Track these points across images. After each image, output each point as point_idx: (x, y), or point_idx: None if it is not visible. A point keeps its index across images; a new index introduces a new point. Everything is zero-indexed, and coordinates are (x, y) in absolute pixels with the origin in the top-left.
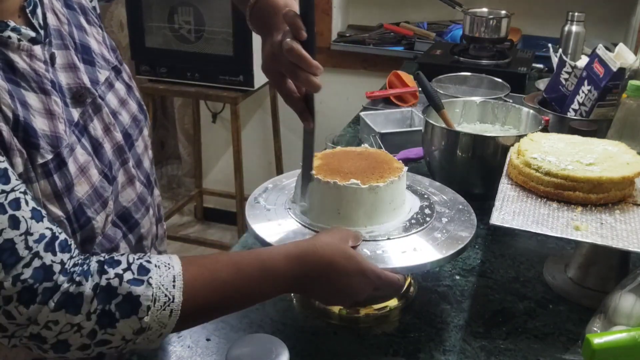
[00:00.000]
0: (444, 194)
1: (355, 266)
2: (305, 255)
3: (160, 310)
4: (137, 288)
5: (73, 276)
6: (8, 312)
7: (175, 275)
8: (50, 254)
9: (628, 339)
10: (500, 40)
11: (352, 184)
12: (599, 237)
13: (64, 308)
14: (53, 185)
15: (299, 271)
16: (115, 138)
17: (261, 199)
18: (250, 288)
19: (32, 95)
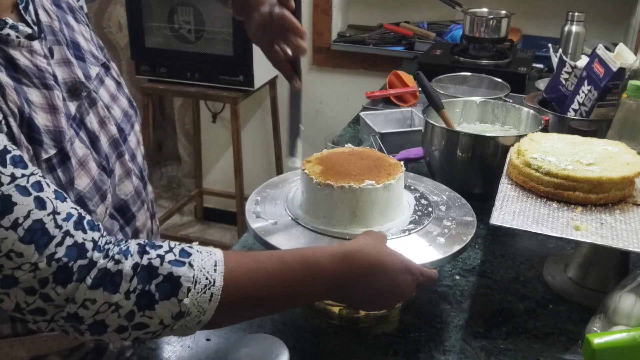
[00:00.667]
0: (444, 194)
1: (401, 263)
2: (351, 254)
3: (201, 293)
4: (179, 269)
5: (109, 253)
6: (45, 294)
7: (217, 260)
8: (81, 232)
9: (628, 339)
10: (500, 40)
11: (367, 185)
12: (599, 237)
13: (101, 286)
14: (57, 180)
15: (344, 269)
16: (111, 131)
17: (261, 199)
18: (295, 282)
19: (34, 91)
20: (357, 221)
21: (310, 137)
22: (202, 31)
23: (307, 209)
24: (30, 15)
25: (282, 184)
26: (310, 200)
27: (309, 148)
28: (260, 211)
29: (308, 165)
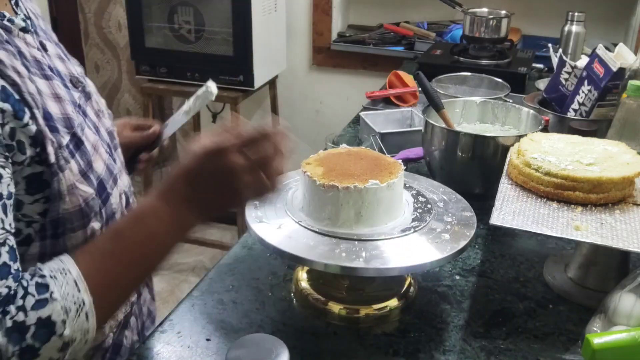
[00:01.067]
0: (444, 194)
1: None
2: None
3: (76, 318)
4: (44, 309)
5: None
6: None
7: (75, 278)
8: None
9: (628, 339)
10: (500, 40)
11: (372, 185)
12: (599, 237)
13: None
14: (78, 164)
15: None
16: (105, 124)
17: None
18: (139, 240)
19: (41, 80)
20: (363, 221)
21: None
22: (202, 31)
23: (309, 211)
24: (22, 10)
25: None
26: (313, 202)
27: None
28: (262, 215)
29: (308, 167)
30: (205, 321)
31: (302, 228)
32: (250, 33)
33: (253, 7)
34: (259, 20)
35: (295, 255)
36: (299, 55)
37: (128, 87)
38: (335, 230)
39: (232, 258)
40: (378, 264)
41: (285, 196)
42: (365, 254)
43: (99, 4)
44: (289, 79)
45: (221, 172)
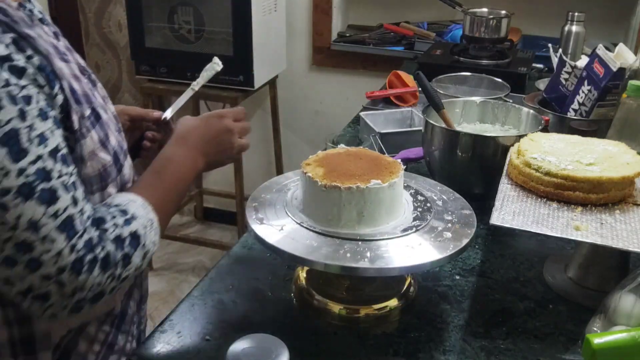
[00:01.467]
0: (444, 194)
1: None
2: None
3: (150, 231)
4: (131, 226)
5: (100, 243)
6: (60, 281)
7: (142, 203)
8: (93, 229)
9: (628, 339)
10: (500, 40)
11: (374, 185)
12: (599, 237)
13: (102, 269)
14: (98, 134)
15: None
16: (111, 108)
17: (259, 204)
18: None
19: (61, 62)
20: (365, 221)
21: (310, 137)
22: (202, 31)
23: (310, 212)
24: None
25: (276, 187)
26: (314, 203)
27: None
28: (263, 217)
29: (309, 167)
30: (205, 321)
31: (304, 229)
32: (250, 33)
33: (253, 7)
34: (259, 20)
35: (300, 257)
36: (299, 55)
37: (128, 86)
38: (338, 230)
39: (232, 258)
40: (382, 264)
41: (284, 197)
42: (370, 254)
43: (99, 4)
44: (289, 79)
45: (223, 130)
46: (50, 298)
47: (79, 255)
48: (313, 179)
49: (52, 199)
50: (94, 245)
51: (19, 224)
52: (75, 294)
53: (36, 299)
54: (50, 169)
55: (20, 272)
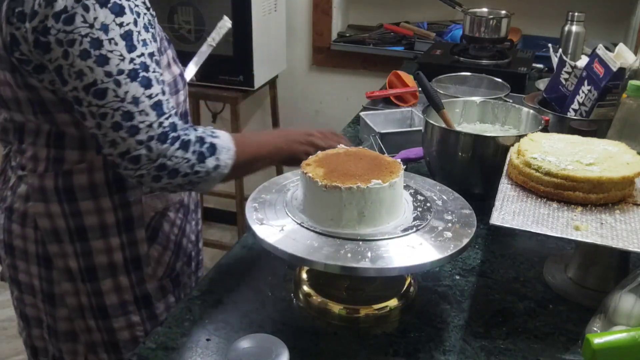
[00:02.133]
0: (444, 194)
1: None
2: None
3: (226, 153)
4: (214, 139)
5: (184, 129)
6: (149, 146)
7: (229, 135)
8: (176, 117)
9: (628, 339)
10: (500, 40)
11: (375, 185)
12: (599, 237)
13: (181, 148)
14: (172, 52)
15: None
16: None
17: (259, 205)
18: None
19: None
20: (365, 221)
21: None
22: (202, 31)
23: (311, 212)
24: None
25: (275, 188)
26: (315, 203)
27: None
28: (263, 218)
29: (309, 168)
30: (205, 321)
31: (305, 229)
32: (250, 33)
33: (253, 7)
34: (259, 20)
35: (300, 257)
36: (299, 55)
37: None
38: (338, 230)
39: (232, 258)
40: (382, 264)
41: (284, 197)
42: (370, 254)
43: None
44: (289, 79)
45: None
46: (140, 161)
47: (165, 130)
48: (313, 179)
49: (149, 85)
50: (178, 128)
51: (126, 98)
52: (158, 159)
53: (131, 161)
54: (148, 64)
55: (123, 135)
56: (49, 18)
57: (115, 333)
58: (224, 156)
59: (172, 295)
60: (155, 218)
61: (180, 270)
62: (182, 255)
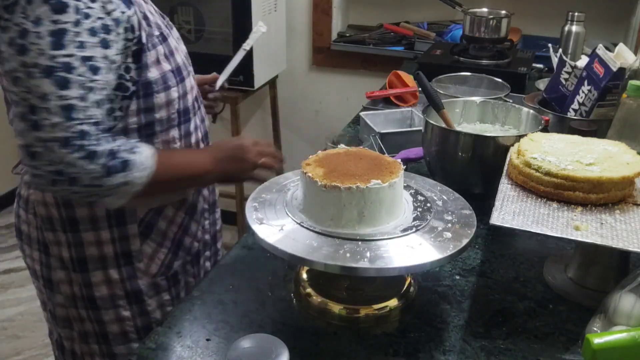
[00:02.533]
0: (444, 194)
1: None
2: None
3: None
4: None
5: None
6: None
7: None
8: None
9: (628, 339)
10: (500, 40)
11: (374, 185)
12: (599, 237)
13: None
14: (165, 49)
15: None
16: (183, 51)
17: (259, 204)
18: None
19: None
20: (365, 221)
21: (310, 137)
22: (202, 31)
23: (311, 212)
24: None
25: (276, 187)
26: (315, 203)
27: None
28: (263, 217)
29: (309, 167)
30: (205, 321)
31: (304, 229)
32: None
33: (253, 7)
34: (259, 20)
35: (300, 257)
36: (299, 55)
37: None
38: (338, 230)
39: (232, 258)
40: (382, 264)
41: (284, 197)
42: (369, 254)
43: None
44: (289, 79)
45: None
46: (37, 159)
47: (69, 135)
48: (313, 179)
49: (65, 86)
50: (85, 137)
51: (34, 92)
52: (55, 163)
53: (29, 156)
54: (74, 67)
55: (26, 127)
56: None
57: (105, 325)
58: (137, 174)
59: (167, 294)
60: (150, 214)
61: (180, 269)
62: (182, 254)
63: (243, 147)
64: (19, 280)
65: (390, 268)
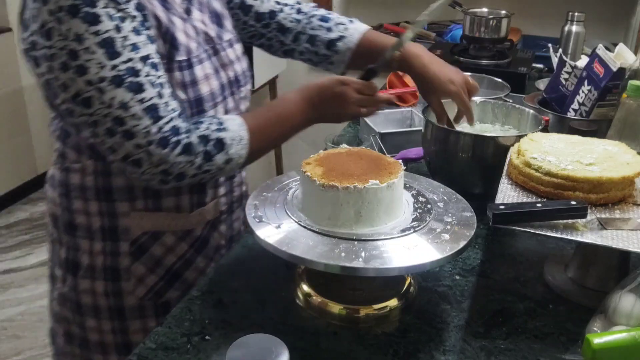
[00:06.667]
0: (444, 194)
1: (334, 78)
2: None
3: (237, 144)
4: (221, 134)
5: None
6: (148, 151)
7: (240, 122)
8: (180, 120)
9: (628, 339)
10: (500, 40)
11: (372, 185)
12: (599, 237)
13: (183, 153)
14: (183, 77)
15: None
16: (229, 74)
17: (259, 203)
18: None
19: (177, 19)
20: (363, 221)
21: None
22: None
23: (310, 211)
24: None
25: (277, 186)
26: (313, 202)
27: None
28: (262, 215)
29: (308, 167)
30: (206, 321)
31: (302, 228)
32: None
33: None
34: None
35: (295, 255)
36: None
37: None
38: (336, 230)
39: (232, 258)
40: (377, 264)
41: (285, 196)
42: (364, 253)
43: None
44: (289, 79)
45: (338, 94)
46: (142, 165)
47: (165, 135)
48: (311, 178)
49: (139, 90)
50: (179, 132)
51: (113, 104)
52: (160, 164)
53: (133, 164)
54: (138, 69)
55: (118, 140)
56: (35, 33)
57: (85, 330)
58: (235, 149)
59: (153, 320)
60: (144, 237)
61: (174, 299)
62: (180, 286)
63: (344, 95)
64: (19, 280)
65: (389, 268)
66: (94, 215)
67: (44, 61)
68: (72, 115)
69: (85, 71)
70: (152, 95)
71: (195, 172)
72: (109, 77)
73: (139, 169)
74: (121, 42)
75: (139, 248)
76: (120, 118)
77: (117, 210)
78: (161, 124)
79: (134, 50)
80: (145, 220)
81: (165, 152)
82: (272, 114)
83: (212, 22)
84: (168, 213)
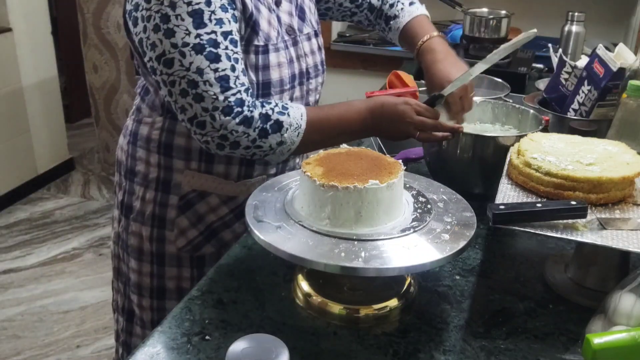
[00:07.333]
0: (444, 194)
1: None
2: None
3: (293, 131)
4: (281, 116)
5: (249, 106)
6: (213, 116)
7: (302, 112)
8: (245, 93)
9: (628, 339)
10: (500, 40)
11: (372, 185)
12: (599, 237)
13: (242, 123)
14: (257, 60)
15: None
16: (301, 65)
17: (259, 203)
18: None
19: (264, 8)
20: (362, 221)
21: None
22: None
23: (309, 211)
24: None
25: (277, 186)
26: (313, 202)
27: None
28: (262, 215)
29: (308, 167)
30: (206, 321)
31: (302, 228)
32: None
33: None
34: None
35: (295, 255)
36: None
37: (127, 87)
38: (335, 230)
39: (232, 258)
40: (377, 264)
41: (285, 196)
42: (364, 253)
43: (98, 4)
44: None
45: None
46: (206, 127)
47: (230, 104)
48: (311, 178)
49: (216, 60)
50: (244, 105)
51: (191, 68)
52: (220, 129)
53: (197, 126)
54: (219, 42)
55: (190, 101)
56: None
57: (129, 270)
58: (290, 134)
59: (187, 270)
60: (193, 194)
61: (208, 255)
62: (215, 242)
63: (404, 115)
64: (19, 280)
65: (389, 268)
66: (152, 165)
67: (141, 21)
68: (155, 73)
69: (172, 34)
70: (226, 67)
71: (249, 145)
72: (192, 44)
73: (202, 130)
74: (209, 15)
75: (186, 203)
76: (195, 82)
77: (174, 166)
78: (229, 94)
79: (218, 24)
80: (196, 179)
81: (227, 119)
82: (334, 113)
83: (296, 15)
84: (217, 177)
